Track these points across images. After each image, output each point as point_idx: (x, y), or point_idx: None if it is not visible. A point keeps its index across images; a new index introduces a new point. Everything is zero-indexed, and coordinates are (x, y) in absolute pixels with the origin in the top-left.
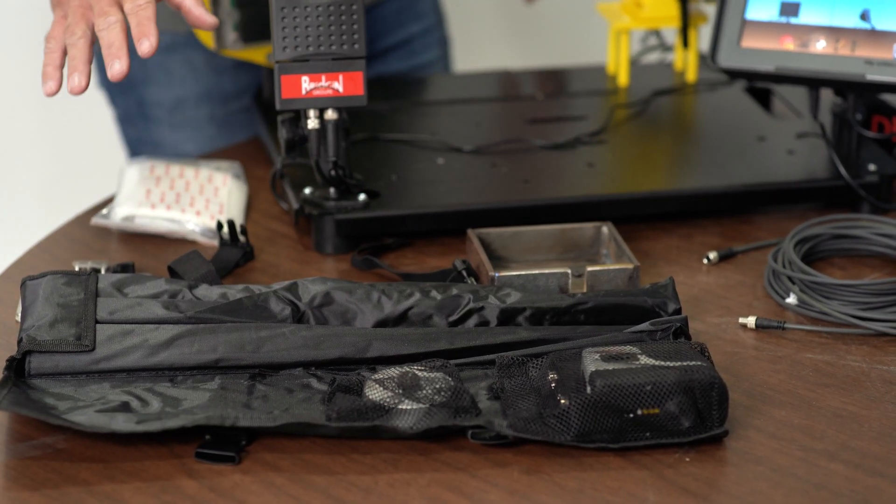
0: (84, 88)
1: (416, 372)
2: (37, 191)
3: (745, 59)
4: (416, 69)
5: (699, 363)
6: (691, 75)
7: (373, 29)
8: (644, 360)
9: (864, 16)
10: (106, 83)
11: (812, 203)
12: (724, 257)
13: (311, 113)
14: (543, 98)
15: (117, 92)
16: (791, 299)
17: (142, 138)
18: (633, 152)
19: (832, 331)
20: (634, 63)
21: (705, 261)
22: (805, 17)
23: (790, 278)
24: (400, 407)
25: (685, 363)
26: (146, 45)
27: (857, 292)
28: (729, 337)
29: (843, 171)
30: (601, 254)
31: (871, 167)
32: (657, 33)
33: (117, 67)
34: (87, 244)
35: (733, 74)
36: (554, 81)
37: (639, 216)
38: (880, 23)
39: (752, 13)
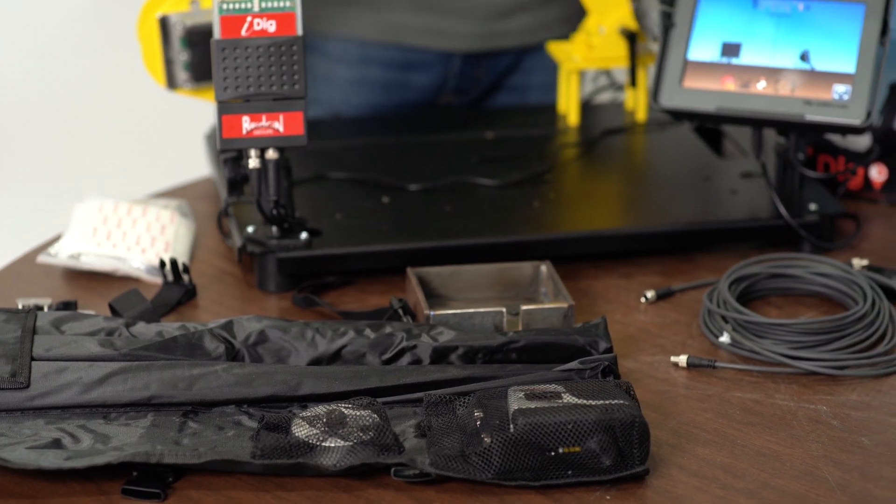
0: None
1: (343, 409)
2: None
3: (686, 100)
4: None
5: (621, 402)
6: (641, 114)
7: (494, 67)
8: (567, 398)
9: (804, 56)
10: None
11: (755, 242)
12: (663, 296)
13: (252, 152)
14: (493, 137)
15: None
16: (724, 338)
17: None
18: (579, 192)
19: (763, 370)
20: (587, 103)
21: (643, 300)
22: (746, 58)
23: (724, 317)
24: (325, 444)
25: (607, 402)
26: None
27: (789, 331)
28: (660, 375)
29: (783, 210)
30: (540, 292)
31: (812, 206)
32: (608, 73)
33: None
34: (34, 282)
35: (675, 115)
36: (504, 121)
37: (581, 255)
38: (820, 64)
39: (694, 54)
